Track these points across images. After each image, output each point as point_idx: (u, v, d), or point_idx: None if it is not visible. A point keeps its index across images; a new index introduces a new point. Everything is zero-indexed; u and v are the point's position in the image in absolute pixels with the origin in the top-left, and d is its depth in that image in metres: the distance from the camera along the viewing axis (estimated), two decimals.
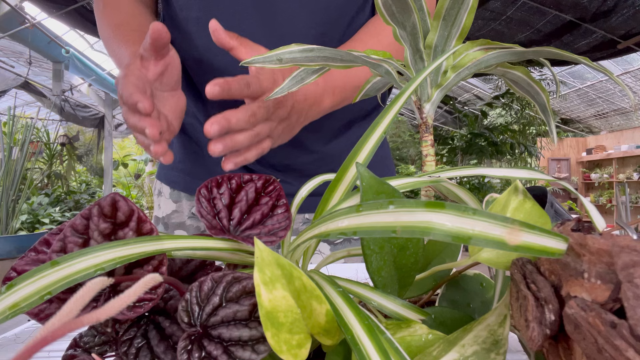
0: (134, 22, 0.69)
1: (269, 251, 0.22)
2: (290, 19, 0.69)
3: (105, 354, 0.27)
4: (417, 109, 0.37)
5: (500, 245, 0.18)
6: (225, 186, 0.33)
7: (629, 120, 8.51)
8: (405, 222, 0.19)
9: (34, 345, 0.13)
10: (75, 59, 4.10)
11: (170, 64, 0.55)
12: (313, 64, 0.36)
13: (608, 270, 0.18)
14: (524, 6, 3.13)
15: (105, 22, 0.71)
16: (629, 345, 0.16)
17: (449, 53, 0.33)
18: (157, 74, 0.54)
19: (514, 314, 0.23)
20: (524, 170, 0.31)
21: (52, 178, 5.38)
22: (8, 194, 2.71)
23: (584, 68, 6.50)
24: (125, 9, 0.72)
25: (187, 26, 0.72)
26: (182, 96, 0.58)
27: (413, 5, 0.34)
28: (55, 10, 3.15)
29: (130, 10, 0.72)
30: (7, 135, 2.86)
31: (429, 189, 0.37)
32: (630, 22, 3.05)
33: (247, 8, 0.68)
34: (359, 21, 0.75)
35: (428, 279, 0.34)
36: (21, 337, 0.44)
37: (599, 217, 0.29)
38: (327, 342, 0.23)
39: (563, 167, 9.39)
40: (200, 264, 0.32)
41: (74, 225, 0.27)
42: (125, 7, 0.72)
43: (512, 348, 0.35)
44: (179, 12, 0.72)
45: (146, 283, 0.19)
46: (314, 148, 0.77)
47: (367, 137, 0.31)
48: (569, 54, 0.31)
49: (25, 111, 5.89)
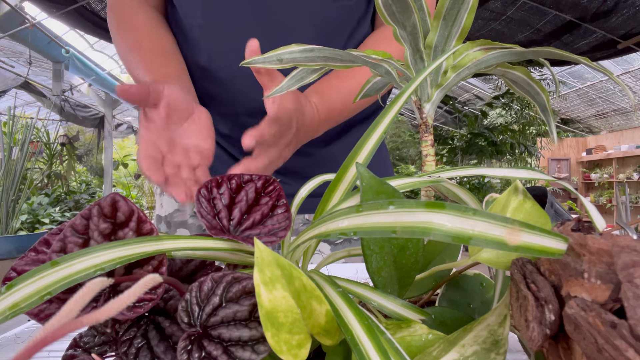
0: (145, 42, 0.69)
1: (269, 251, 0.22)
2: (291, 30, 0.69)
3: (105, 354, 0.27)
4: (417, 109, 0.37)
5: (500, 245, 0.18)
6: (225, 186, 0.33)
7: (629, 120, 8.51)
8: (406, 222, 0.19)
9: (34, 346, 0.13)
10: (75, 59, 4.10)
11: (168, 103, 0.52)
12: (313, 64, 0.36)
13: (608, 270, 0.18)
14: (524, 6, 3.13)
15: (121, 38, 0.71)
16: (629, 345, 0.16)
17: (449, 53, 0.33)
18: (163, 119, 0.52)
19: (514, 314, 0.23)
20: (524, 170, 0.31)
21: (52, 178, 5.38)
22: (8, 194, 2.70)
23: (584, 68, 6.49)
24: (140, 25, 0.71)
25: (191, 32, 0.72)
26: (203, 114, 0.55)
27: (413, 5, 0.34)
28: (55, 10, 3.15)
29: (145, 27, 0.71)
30: (7, 135, 2.86)
31: (429, 189, 0.37)
32: (630, 22, 3.05)
33: (248, 18, 0.69)
34: (360, 32, 0.76)
35: (428, 279, 0.34)
36: (21, 337, 0.44)
37: (599, 217, 0.29)
38: (327, 342, 0.23)
39: (563, 167, 9.39)
40: (200, 264, 0.32)
41: (74, 225, 0.27)
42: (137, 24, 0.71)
43: (512, 348, 0.35)
44: (184, 19, 0.72)
45: (146, 283, 0.19)
46: (311, 151, 0.77)
47: (367, 137, 0.31)
48: (569, 54, 0.31)
49: (25, 111, 5.88)
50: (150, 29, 0.71)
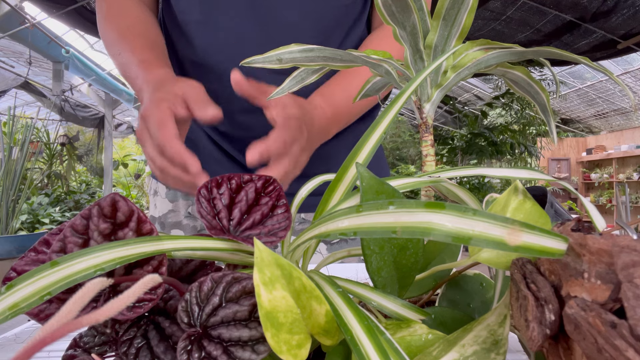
0: (139, 27, 0.69)
1: (269, 251, 0.22)
2: (289, 27, 0.70)
3: (105, 354, 0.27)
4: (417, 109, 0.37)
5: (500, 245, 0.18)
6: (225, 186, 0.33)
7: (629, 120, 8.51)
8: (406, 222, 0.19)
9: (33, 346, 0.13)
10: (75, 59, 4.11)
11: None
12: (313, 64, 0.36)
13: (608, 270, 0.18)
14: (524, 6, 3.13)
15: (110, 26, 0.71)
16: (629, 345, 0.16)
17: (449, 53, 0.33)
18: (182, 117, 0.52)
19: (514, 314, 0.23)
20: (524, 170, 0.31)
21: (52, 178, 5.37)
22: (8, 194, 2.70)
23: (584, 68, 6.49)
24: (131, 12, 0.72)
25: (187, 29, 0.72)
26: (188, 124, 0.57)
27: (413, 5, 0.34)
28: (55, 10, 3.15)
29: (135, 13, 0.72)
30: (7, 135, 2.86)
31: (429, 189, 0.37)
32: (630, 22, 3.05)
33: (246, 15, 0.69)
34: (356, 32, 0.76)
35: (428, 279, 0.34)
36: (21, 337, 0.44)
37: (599, 217, 0.29)
38: (327, 342, 0.23)
39: (563, 167, 9.39)
40: (200, 264, 0.32)
41: (73, 225, 0.27)
42: (130, 10, 0.72)
43: (512, 348, 0.35)
44: (179, 15, 0.72)
45: (146, 283, 0.19)
46: None
47: (367, 137, 0.31)
48: (569, 54, 0.31)
49: (25, 111, 5.88)
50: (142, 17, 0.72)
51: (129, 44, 0.65)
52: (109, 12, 0.72)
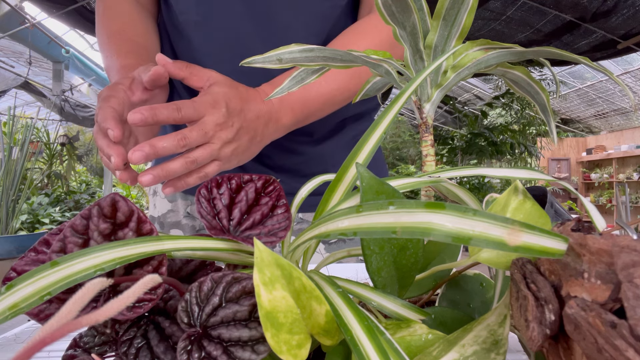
0: (130, 31, 0.69)
1: (269, 251, 0.22)
2: (285, 27, 0.70)
3: (105, 354, 0.27)
4: (417, 109, 0.37)
5: (500, 246, 0.18)
6: (225, 186, 0.33)
7: (629, 120, 8.51)
8: (406, 222, 0.19)
9: (33, 346, 0.13)
10: (75, 59, 4.11)
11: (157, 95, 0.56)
12: (313, 64, 0.36)
13: (608, 270, 0.18)
14: (524, 6, 3.12)
15: (103, 28, 0.71)
16: (629, 345, 0.16)
17: (449, 53, 0.33)
18: (141, 100, 0.54)
19: (514, 314, 0.23)
20: (524, 170, 0.31)
21: (52, 178, 5.37)
22: (8, 194, 2.70)
23: (584, 68, 6.49)
24: (125, 15, 0.72)
25: (186, 30, 0.72)
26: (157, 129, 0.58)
27: (413, 5, 0.34)
28: (55, 10, 3.15)
29: (129, 17, 0.72)
30: (7, 135, 2.86)
31: (429, 189, 0.37)
32: (630, 22, 3.04)
33: (243, 15, 0.69)
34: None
35: (428, 279, 0.34)
36: (21, 337, 0.44)
37: (599, 217, 0.29)
38: (326, 342, 0.23)
39: (563, 167, 9.39)
40: (200, 265, 0.32)
41: (73, 225, 0.27)
42: (125, 12, 0.72)
43: (512, 348, 0.35)
44: (179, 16, 0.72)
45: (146, 283, 0.19)
46: (304, 150, 0.77)
47: (367, 137, 0.31)
48: (569, 54, 0.31)
49: (25, 111, 5.89)
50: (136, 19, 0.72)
51: (116, 48, 0.66)
52: (104, 15, 0.73)
